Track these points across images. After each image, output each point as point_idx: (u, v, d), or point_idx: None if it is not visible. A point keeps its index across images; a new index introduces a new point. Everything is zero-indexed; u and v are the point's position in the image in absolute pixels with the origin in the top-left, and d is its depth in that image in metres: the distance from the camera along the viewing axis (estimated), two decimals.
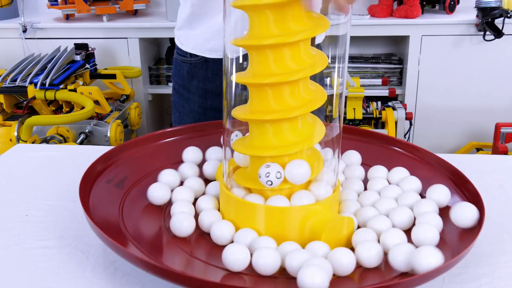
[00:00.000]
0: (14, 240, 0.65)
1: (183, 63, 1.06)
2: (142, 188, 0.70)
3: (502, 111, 2.20)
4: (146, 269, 0.53)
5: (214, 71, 1.03)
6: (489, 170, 0.83)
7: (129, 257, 0.54)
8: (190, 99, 1.07)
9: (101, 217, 0.62)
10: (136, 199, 0.69)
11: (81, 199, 0.62)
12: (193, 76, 1.05)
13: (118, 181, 0.71)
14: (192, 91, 1.06)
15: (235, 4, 0.57)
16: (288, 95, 0.59)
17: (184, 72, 1.06)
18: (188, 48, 1.04)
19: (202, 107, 1.06)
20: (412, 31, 2.13)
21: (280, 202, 0.60)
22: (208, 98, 1.05)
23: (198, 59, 1.03)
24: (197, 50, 1.02)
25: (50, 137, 1.80)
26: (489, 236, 0.64)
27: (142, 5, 2.32)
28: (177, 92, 1.09)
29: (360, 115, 2.08)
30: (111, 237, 0.54)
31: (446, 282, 0.57)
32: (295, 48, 0.58)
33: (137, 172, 0.74)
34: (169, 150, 0.79)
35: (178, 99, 1.09)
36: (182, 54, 1.06)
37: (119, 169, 0.73)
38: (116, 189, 0.69)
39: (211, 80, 1.04)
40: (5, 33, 2.24)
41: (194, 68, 1.04)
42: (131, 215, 0.65)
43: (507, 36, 2.05)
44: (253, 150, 0.61)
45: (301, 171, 0.60)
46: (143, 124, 2.29)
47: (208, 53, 1.02)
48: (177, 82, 1.09)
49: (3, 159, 0.90)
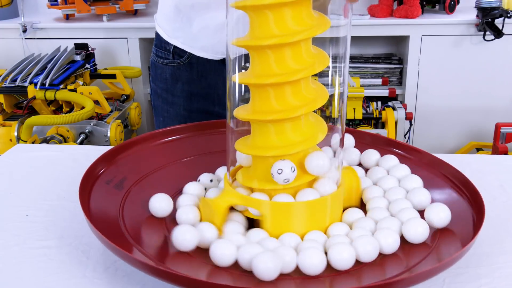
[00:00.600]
0: (14, 240, 0.65)
1: (164, 66, 1.03)
2: (142, 189, 0.70)
3: (502, 111, 2.20)
4: (151, 273, 0.52)
5: (199, 73, 1.01)
6: (489, 170, 0.82)
7: (132, 262, 0.53)
8: (174, 103, 1.04)
9: (102, 220, 0.62)
10: (136, 200, 0.69)
11: (81, 202, 0.62)
12: (177, 79, 1.03)
13: (118, 181, 0.71)
14: (177, 94, 1.04)
15: (235, 5, 0.58)
16: (290, 95, 0.59)
17: (166, 75, 1.04)
18: (177, 42, 1.01)
19: (187, 110, 1.04)
20: (412, 31, 2.13)
21: (285, 200, 0.61)
22: (193, 101, 1.03)
23: (182, 61, 1.01)
24: (186, 46, 1.00)
25: (50, 137, 1.80)
26: (489, 236, 0.64)
27: (142, 5, 2.32)
28: (159, 96, 1.06)
29: (360, 115, 2.08)
30: (113, 241, 0.54)
31: (446, 283, 0.57)
32: (296, 47, 0.58)
33: (137, 172, 0.74)
34: (169, 149, 0.79)
35: (161, 104, 1.06)
36: (163, 57, 1.03)
37: (118, 170, 0.73)
38: (115, 190, 0.69)
39: (196, 82, 1.02)
40: (5, 33, 2.24)
41: (177, 71, 1.02)
42: (131, 217, 0.65)
43: (507, 36, 2.05)
44: (256, 150, 0.61)
45: (321, 163, 0.60)
46: (143, 124, 2.29)
47: (197, 51, 1.00)
48: (159, 86, 1.06)
49: (3, 159, 0.90)
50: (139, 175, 0.73)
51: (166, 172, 0.75)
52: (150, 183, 0.72)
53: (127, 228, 0.62)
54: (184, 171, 0.75)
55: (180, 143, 0.81)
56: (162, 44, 1.03)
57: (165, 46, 1.03)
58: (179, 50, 1.01)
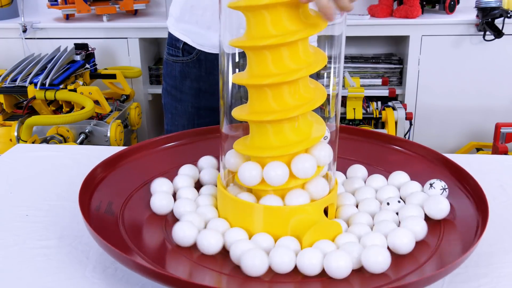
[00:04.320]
0: (14, 240, 0.65)
1: (174, 63, 1.05)
2: (142, 195, 0.70)
3: (502, 111, 2.20)
4: (154, 278, 0.52)
5: (208, 70, 1.03)
6: (489, 170, 0.82)
7: (133, 266, 0.53)
8: (182, 100, 1.06)
9: (102, 226, 0.62)
10: (136, 208, 0.68)
11: (81, 208, 0.61)
12: (186, 75, 1.04)
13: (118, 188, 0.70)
14: (185, 91, 1.05)
15: (231, 5, 0.57)
16: (288, 95, 0.59)
17: (176, 73, 1.05)
18: (187, 39, 1.02)
19: (195, 107, 1.06)
20: (412, 31, 2.13)
21: (274, 202, 0.61)
22: (201, 98, 1.05)
23: (191, 58, 1.02)
24: (196, 44, 1.01)
25: (50, 137, 1.80)
26: (489, 236, 0.64)
27: (142, 5, 2.32)
28: (169, 93, 1.08)
29: (360, 115, 2.08)
30: (115, 246, 0.54)
31: (446, 282, 0.57)
32: (293, 47, 0.57)
33: (137, 179, 0.73)
34: (168, 156, 0.79)
35: (170, 101, 1.08)
36: (174, 54, 1.05)
37: (118, 177, 0.72)
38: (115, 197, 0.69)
39: (204, 79, 1.03)
40: (5, 33, 2.24)
41: (186, 68, 1.04)
42: (132, 221, 0.65)
43: (507, 36, 2.05)
44: (254, 151, 0.61)
45: (307, 165, 0.60)
46: (143, 124, 2.29)
47: (207, 48, 1.01)
48: (168, 83, 1.08)
49: (3, 159, 0.90)
50: (139, 182, 0.73)
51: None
52: (150, 189, 0.71)
53: (127, 233, 0.62)
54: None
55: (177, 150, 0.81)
56: (172, 42, 1.06)
57: (175, 43, 1.05)
58: (189, 47, 1.03)
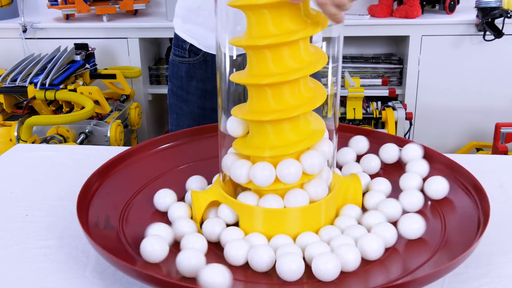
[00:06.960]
0: (14, 240, 0.65)
1: (180, 64, 1.05)
2: (143, 200, 0.70)
3: (502, 111, 2.20)
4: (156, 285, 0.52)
5: (214, 71, 1.03)
6: (489, 170, 0.82)
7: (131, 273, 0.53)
8: (188, 100, 1.06)
9: (103, 235, 0.61)
10: (136, 213, 0.68)
11: (79, 217, 0.61)
12: (192, 76, 1.04)
13: (116, 195, 0.70)
14: (191, 92, 1.05)
15: (232, 4, 0.57)
16: (288, 95, 0.59)
17: (182, 73, 1.05)
18: (193, 41, 1.02)
19: (201, 108, 1.05)
20: (412, 31, 2.12)
21: (274, 202, 0.61)
22: (207, 99, 1.05)
23: (197, 59, 1.02)
24: (202, 46, 1.01)
25: (50, 137, 1.80)
26: (489, 236, 0.63)
27: (142, 5, 2.32)
28: (175, 94, 1.08)
29: (360, 115, 2.08)
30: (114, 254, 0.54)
31: (446, 282, 0.57)
32: (294, 47, 0.57)
33: (137, 183, 0.73)
34: (167, 157, 0.79)
35: (176, 101, 1.08)
36: (180, 55, 1.05)
37: (116, 182, 0.72)
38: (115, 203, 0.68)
39: (210, 80, 1.03)
40: (5, 33, 2.24)
41: (192, 69, 1.04)
42: (132, 226, 0.65)
43: (507, 36, 2.05)
44: (254, 150, 0.61)
45: (293, 170, 0.60)
46: (143, 124, 2.29)
47: (213, 50, 1.01)
48: (174, 84, 1.08)
49: (3, 159, 0.90)
50: (138, 185, 0.72)
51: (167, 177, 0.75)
52: (151, 192, 0.71)
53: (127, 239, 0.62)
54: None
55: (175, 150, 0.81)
56: (179, 43, 1.06)
57: (182, 44, 1.05)
58: (195, 49, 1.03)
